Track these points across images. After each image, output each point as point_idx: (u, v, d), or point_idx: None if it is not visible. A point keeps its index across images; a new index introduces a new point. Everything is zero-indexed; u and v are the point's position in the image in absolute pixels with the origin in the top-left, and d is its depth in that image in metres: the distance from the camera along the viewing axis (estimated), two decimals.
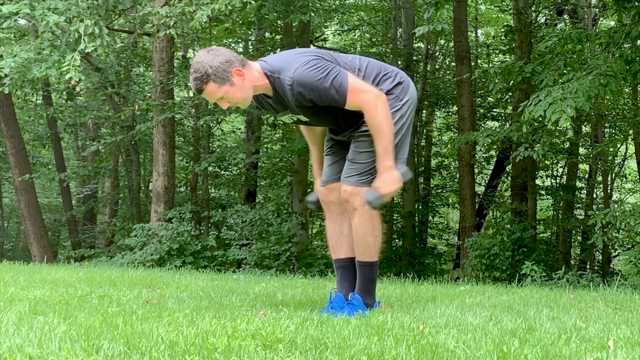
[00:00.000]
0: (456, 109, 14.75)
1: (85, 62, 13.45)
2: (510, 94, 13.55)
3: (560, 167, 16.53)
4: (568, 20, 15.48)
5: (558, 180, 16.19)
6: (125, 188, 17.80)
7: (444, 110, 17.86)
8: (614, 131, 15.27)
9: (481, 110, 16.42)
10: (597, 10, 14.33)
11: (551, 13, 15.53)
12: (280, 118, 3.52)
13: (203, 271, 8.48)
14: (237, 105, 3.29)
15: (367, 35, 17.91)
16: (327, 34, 18.21)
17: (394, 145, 3.38)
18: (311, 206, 3.68)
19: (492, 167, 16.59)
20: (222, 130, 17.76)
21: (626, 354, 2.43)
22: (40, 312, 3.08)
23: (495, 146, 13.55)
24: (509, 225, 10.57)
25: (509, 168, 15.17)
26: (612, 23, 12.43)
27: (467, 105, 11.87)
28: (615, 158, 16.21)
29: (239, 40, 14.86)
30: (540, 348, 2.48)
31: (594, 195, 16.17)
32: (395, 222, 16.24)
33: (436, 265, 15.17)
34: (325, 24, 15.57)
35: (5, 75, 8.62)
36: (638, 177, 15.59)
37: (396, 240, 15.88)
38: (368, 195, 3.33)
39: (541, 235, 15.16)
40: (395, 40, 15.43)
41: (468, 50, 12.10)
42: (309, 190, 13.00)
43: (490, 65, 14.69)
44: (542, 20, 15.42)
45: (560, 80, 7.57)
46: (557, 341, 2.66)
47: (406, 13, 14.76)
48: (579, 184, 16.36)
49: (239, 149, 13.99)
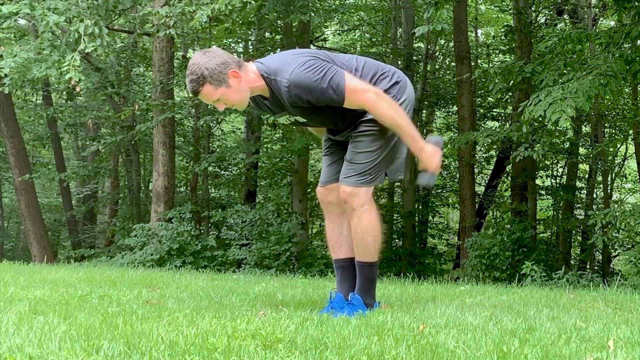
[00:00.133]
0: (456, 109, 14.74)
1: (85, 62, 13.45)
2: (510, 94, 13.55)
3: (560, 167, 16.53)
4: (568, 20, 15.48)
5: (558, 180, 16.19)
6: (125, 188, 17.80)
7: (444, 110, 17.86)
8: (614, 131, 15.27)
9: (481, 110, 16.41)
10: (597, 10, 14.33)
11: (551, 13, 15.53)
12: (278, 119, 3.52)
13: (203, 271, 8.48)
14: (234, 107, 3.28)
15: (367, 35, 17.91)
16: (327, 34, 18.21)
17: (393, 144, 3.40)
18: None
19: (492, 167, 16.59)
20: (222, 130, 17.75)
21: (626, 354, 2.43)
22: (40, 312, 3.08)
23: (495, 146, 13.55)
24: (509, 225, 10.57)
25: (509, 168, 15.17)
26: (612, 23, 12.43)
27: (467, 105, 11.87)
28: (615, 158, 16.21)
29: (239, 40, 14.86)
30: (540, 348, 2.48)
31: (594, 195, 16.16)
32: (395, 222, 16.23)
33: (436, 265, 15.17)
34: (325, 24, 15.57)
35: (5, 75, 8.63)
36: (638, 177, 15.58)
37: (396, 240, 15.88)
38: (422, 180, 3.41)
39: (541, 235, 15.16)
40: (395, 40, 15.43)
41: (468, 50, 12.10)
42: (308, 190, 13.00)
43: (490, 65, 14.68)
44: (542, 20, 15.42)
45: (560, 80, 7.57)
46: (557, 341, 2.66)
47: (406, 13, 14.76)
48: (579, 184, 16.36)
49: (239, 149, 13.98)
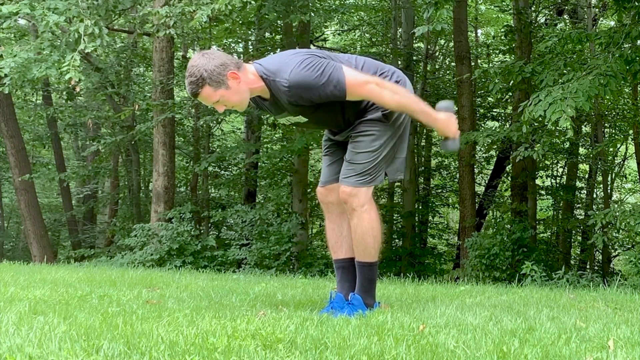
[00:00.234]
0: (456, 109, 14.71)
1: (85, 62, 13.45)
2: (510, 94, 13.55)
3: (560, 167, 16.53)
4: (568, 20, 15.48)
5: (558, 180, 16.19)
6: (125, 188, 17.80)
7: None
8: (614, 131, 15.27)
9: (481, 110, 16.42)
10: (597, 10, 14.32)
11: (551, 13, 15.53)
12: (279, 120, 3.51)
13: (203, 271, 8.48)
14: (234, 108, 3.27)
15: (367, 35, 17.91)
16: (327, 34, 18.21)
17: (393, 144, 3.40)
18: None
19: (492, 167, 16.59)
20: (222, 130, 17.76)
21: (626, 354, 2.43)
22: (40, 312, 3.08)
23: (495, 146, 13.56)
24: (509, 225, 10.57)
25: (509, 168, 15.17)
26: (612, 23, 12.43)
27: (467, 105, 11.87)
28: (615, 158, 16.22)
29: (239, 40, 14.86)
30: (540, 348, 2.48)
31: (594, 195, 16.17)
32: (395, 222, 16.23)
33: (436, 265, 15.17)
34: (325, 24, 15.57)
35: (5, 75, 8.63)
36: (638, 177, 15.58)
37: (396, 240, 15.88)
38: (448, 147, 3.48)
39: (541, 235, 15.16)
40: (395, 40, 15.44)
41: (468, 50, 12.10)
42: (309, 189, 13.00)
43: (490, 65, 14.68)
44: (542, 20, 15.42)
45: (560, 80, 7.57)
46: (557, 341, 2.66)
47: (406, 13, 14.76)
48: (579, 184, 16.36)
49: (239, 149, 13.98)
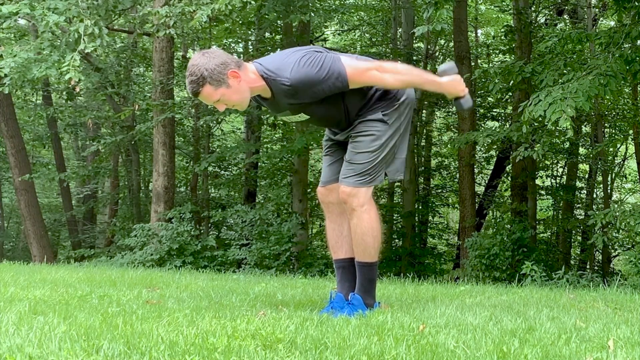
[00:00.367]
0: (456, 109, 14.71)
1: (85, 62, 13.45)
2: (510, 94, 13.55)
3: (560, 167, 16.53)
4: (568, 20, 15.48)
5: (558, 180, 16.19)
6: (125, 188, 17.80)
7: (444, 110, 17.85)
8: (614, 131, 15.27)
9: (481, 110, 16.41)
10: (597, 10, 14.32)
11: (551, 13, 15.53)
12: (282, 118, 3.52)
13: (203, 271, 8.48)
14: (235, 107, 3.27)
15: (367, 35, 17.91)
16: (327, 34, 18.20)
17: (393, 144, 3.39)
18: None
19: (492, 167, 16.59)
20: (222, 130, 17.76)
21: (626, 354, 2.43)
22: (40, 312, 3.08)
23: (495, 146, 13.55)
24: (509, 225, 10.57)
25: (509, 168, 15.17)
26: (612, 23, 12.43)
27: None
28: (615, 158, 16.22)
29: (239, 40, 14.86)
30: (540, 348, 2.48)
31: (594, 195, 16.17)
32: (395, 222, 16.23)
33: (436, 265, 15.17)
34: (325, 24, 15.57)
35: (5, 75, 8.63)
36: (638, 177, 15.58)
37: (396, 240, 15.88)
38: (461, 107, 3.50)
39: (541, 235, 15.16)
40: (395, 40, 15.44)
41: (468, 50, 12.10)
42: (308, 190, 13.00)
43: (490, 65, 14.68)
44: (542, 20, 15.42)
45: (560, 80, 7.57)
46: (557, 341, 2.66)
47: (406, 13, 14.76)
48: (579, 184, 16.36)
49: (239, 149, 13.98)
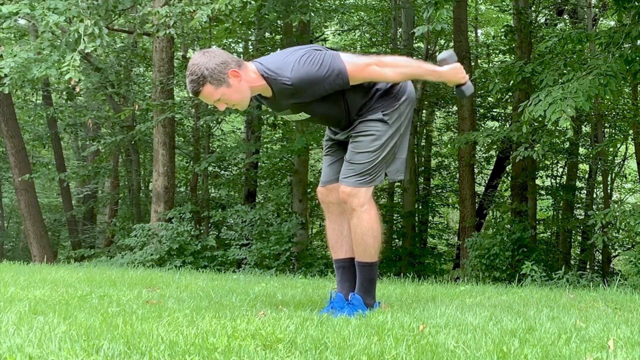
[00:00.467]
0: (456, 109, 14.74)
1: (85, 62, 13.45)
2: (510, 94, 13.55)
3: (560, 167, 16.53)
4: (568, 20, 15.48)
5: (558, 180, 16.20)
6: (125, 188, 17.80)
7: (444, 110, 17.87)
8: (614, 131, 15.27)
9: (481, 110, 16.42)
10: (597, 10, 14.32)
11: (551, 13, 15.53)
12: (284, 117, 3.52)
13: (203, 271, 8.48)
14: (235, 107, 3.27)
15: (367, 35, 17.91)
16: (327, 34, 18.21)
17: (393, 145, 3.39)
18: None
19: (492, 167, 16.59)
20: (222, 130, 17.76)
21: (626, 354, 2.43)
22: (40, 312, 3.08)
23: (495, 146, 13.56)
24: (509, 225, 10.57)
25: (509, 168, 15.17)
26: (612, 23, 12.43)
27: (467, 105, 11.87)
28: (615, 158, 16.22)
29: (239, 40, 14.86)
30: (540, 348, 2.48)
31: (594, 195, 16.17)
32: (395, 222, 16.24)
33: (436, 265, 15.17)
34: (325, 24, 15.56)
35: (5, 75, 8.63)
36: (638, 177, 15.58)
37: (396, 240, 15.88)
38: (463, 94, 3.51)
39: (541, 235, 15.16)
40: (395, 40, 15.44)
41: (468, 50, 12.10)
42: (308, 190, 13.01)
43: (490, 65, 14.68)
44: (542, 20, 15.42)
45: (560, 80, 7.57)
46: (557, 341, 2.66)
47: (406, 13, 14.76)
48: (579, 184, 16.37)
49: (239, 149, 13.98)
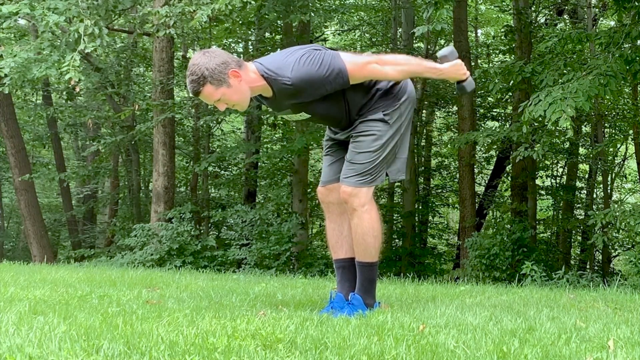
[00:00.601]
0: (456, 109, 14.74)
1: (85, 62, 13.45)
2: (510, 94, 13.55)
3: (560, 167, 16.53)
4: (568, 20, 15.47)
5: (558, 180, 16.20)
6: (125, 188, 17.80)
7: (444, 110, 17.87)
8: (614, 131, 15.27)
9: (481, 110, 16.42)
10: (597, 10, 14.32)
11: (551, 13, 15.52)
12: (284, 117, 3.52)
13: (203, 271, 8.47)
14: (235, 107, 3.27)
15: (367, 35, 17.91)
16: (327, 34, 18.21)
17: (394, 144, 3.39)
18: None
19: (492, 167, 16.59)
20: (222, 130, 17.75)
21: (626, 354, 2.43)
22: (40, 312, 3.08)
23: (495, 146, 13.55)
24: (509, 225, 10.57)
25: (509, 168, 15.17)
26: (612, 23, 12.43)
27: (467, 105, 11.87)
28: (615, 158, 16.22)
29: (239, 40, 14.86)
30: (540, 348, 2.48)
31: (594, 195, 16.17)
32: (395, 222, 16.23)
33: (436, 265, 15.17)
34: (325, 24, 15.56)
35: (5, 75, 8.63)
36: (638, 177, 15.58)
37: (396, 240, 15.88)
38: (465, 90, 3.54)
39: (541, 235, 15.16)
40: (395, 40, 15.44)
41: (468, 50, 12.09)
42: (308, 190, 13.01)
43: (490, 65, 14.68)
44: (542, 20, 15.41)
45: (560, 80, 7.57)
46: (557, 341, 2.66)
47: (406, 13, 14.75)
48: (579, 184, 16.36)
49: (239, 149, 13.97)
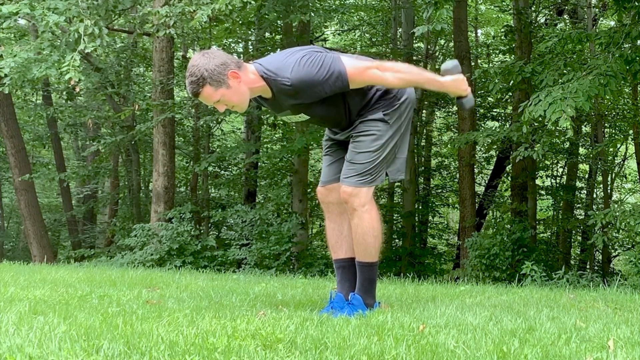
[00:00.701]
0: (456, 109, 14.73)
1: (85, 62, 13.45)
2: (510, 94, 13.55)
3: (560, 167, 16.53)
4: (568, 20, 15.47)
5: (558, 180, 16.20)
6: (125, 188, 17.80)
7: (444, 110, 17.86)
8: (614, 131, 15.27)
9: (481, 110, 16.41)
10: (597, 10, 14.32)
11: (551, 13, 15.52)
12: (282, 118, 3.52)
13: (203, 271, 8.47)
14: (234, 108, 3.26)
15: (367, 35, 17.91)
16: (327, 34, 18.20)
17: (394, 144, 3.39)
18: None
19: (492, 167, 16.59)
20: (222, 130, 17.75)
21: (626, 354, 2.43)
22: (40, 312, 3.08)
23: (495, 146, 13.55)
24: (509, 225, 10.57)
25: (509, 168, 15.17)
26: (612, 23, 12.43)
27: None
28: (615, 158, 16.22)
29: (239, 40, 14.86)
30: (540, 348, 2.48)
31: (594, 195, 16.17)
32: (395, 222, 16.23)
33: (436, 265, 15.18)
34: (325, 24, 15.56)
35: (5, 75, 8.63)
36: (638, 177, 15.58)
37: (396, 240, 15.88)
38: (464, 106, 3.51)
39: (541, 235, 15.16)
40: (395, 40, 15.44)
41: (468, 50, 12.09)
42: (309, 190, 13.01)
43: (490, 65, 14.68)
44: (542, 20, 15.42)
45: (560, 80, 7.58)
46: (557, 341, 2.66)
47: (406, 13, 14.76)
48: (579, 184, 16.37)
49: (239, 149, 13.97)
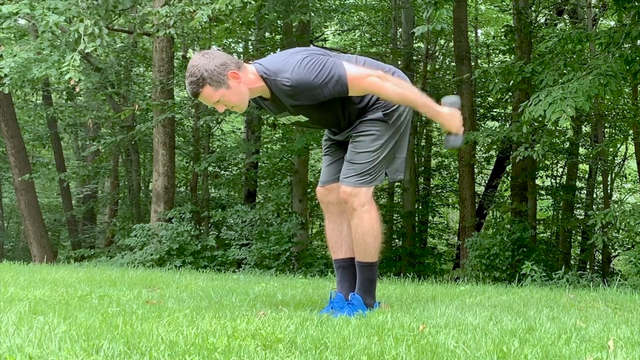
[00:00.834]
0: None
1: (85, 62, 13.45)
2: (510, 94, 13.55)
3: (560, 167, 16.53)
4: (568, 20, 15.47)
5: (558, 180, 16.20)
6: (125, 188, 17.80)
7: None
8: (614, 131, 15.27)
9: (481, 110, 16.41)
10: (597, 10, 14.32)
11: (551, 13, 15.53)
12: (280, 119, 3.51)
13: (203, 271, 8.47)
14: (234, 109, 3.26)
15: (367, 35, 17.91)
16: (327, 34, 18.21)
17: (394, 144, 3.39)
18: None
19: (492, 167, 16.59)
20: (222, 130, 17.75)
21: (626, 354, 2.43)
22: (40, 312, 3.08)
23: (495, 146, 13.55)
24: (509, 225, 10.57)
25: (509, 168, 15.17)
26: (612, 23, 12.43)
27: (467, 105, 11.86)
28: (615, 158, 16.22)
29: (239, 40, 14.86)
30: (540, 348, 2.48)
31: (594, 195, 16.17)
32: (395, 222, 16.23)
33: (436, 265, 15.18)
34: (325, 24, 15.57)
35: (5, 75, 8.63)
36: (638, 177, 15.59)
37: (396, 240, 15.88)
38: (447, 144, 3.43)
39: (541, 235, 15.16)
40: (395, 40, 15.44)
41: (468, 50, 12.10)
42: (309, 190, 13.01)
43: (490, 65, 14.68)
44: (542, 20, 15.42)
45: (560, 80, 7.58)
46: (557, 341, 2.66)
47: (406, 13, 14.76)
48: (579, 184, 16.37)
49: (239, 149, 13.97)
